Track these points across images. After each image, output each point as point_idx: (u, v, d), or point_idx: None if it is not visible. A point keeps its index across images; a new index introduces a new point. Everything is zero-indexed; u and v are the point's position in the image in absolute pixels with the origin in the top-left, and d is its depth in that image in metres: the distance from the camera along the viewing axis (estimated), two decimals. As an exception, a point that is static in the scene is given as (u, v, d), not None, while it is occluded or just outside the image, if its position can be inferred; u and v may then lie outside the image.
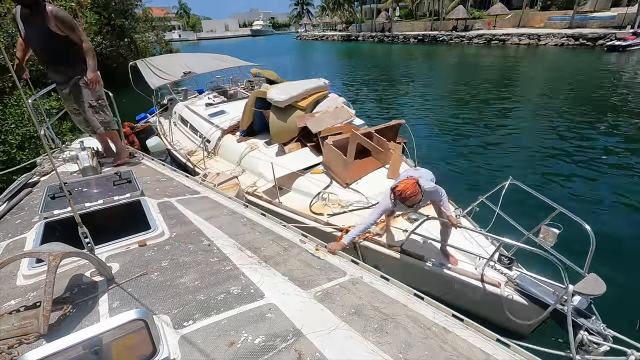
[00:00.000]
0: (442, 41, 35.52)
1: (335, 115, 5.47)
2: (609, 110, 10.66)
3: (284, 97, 5.25)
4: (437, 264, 3.13)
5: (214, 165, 5.82)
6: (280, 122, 5.33)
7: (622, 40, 22.64)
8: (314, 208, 4.21)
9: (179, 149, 6.86)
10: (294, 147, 5.28)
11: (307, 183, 4.56)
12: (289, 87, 5.61)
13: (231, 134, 6.24)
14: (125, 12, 19.06)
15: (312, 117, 5.25)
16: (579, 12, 30.44)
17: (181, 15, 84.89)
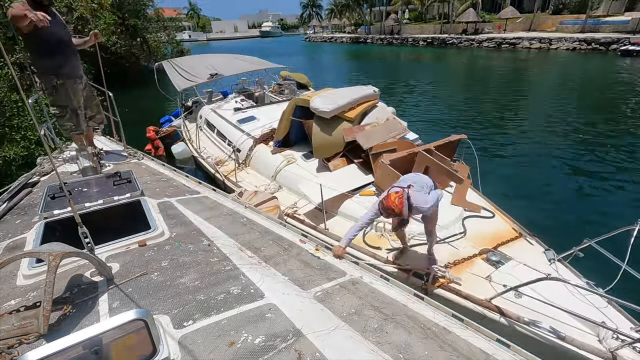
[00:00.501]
0: (451, 44, 35.29)
1: (387, 128, 4.85)
2: None
3: (330, 107, 4.69)
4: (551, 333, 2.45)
5: (245, 178, 5.38)
6: (325, 135, 4.76)
7: (637, 45, 22.27)
8: (369, 239, 3.64)
9: (206, 157, 6.46)
10: (339, 164, 4.72)
11: (357, 207, 3.97)
12: (335, 95, 5.02)
13: (264, 143, 5.72)
14: (138, 12, 19.35)
15: (361, 131, 4.66)
16: (592, 16, 30.01)
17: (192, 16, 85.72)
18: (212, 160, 6.25)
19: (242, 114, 6.71)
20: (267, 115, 6.47)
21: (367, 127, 4.80)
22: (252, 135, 5.91)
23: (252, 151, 5.73)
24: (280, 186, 4.97)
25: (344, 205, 4.09)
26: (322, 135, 4.79)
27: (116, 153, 4.46)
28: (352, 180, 4.36)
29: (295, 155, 5.21)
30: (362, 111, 5.02)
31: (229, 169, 5.67)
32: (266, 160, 5.38)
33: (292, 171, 4.90)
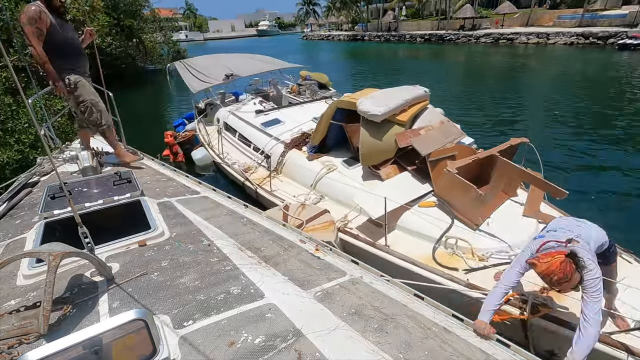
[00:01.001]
0: (449, 40, 35.27)
1: (443, 132, 4.48)
2: None
3: (382, 109, 4.26)
4: None
5: (279, 186, 5.02)
6: (374, 140, 4.33)
7: (634, 38, 22.28)
8: (440, 258, 3.28)
9: (231, 164, 6.09)
10: (391, 172, 4.33)
11: (417, 220, 3.66)
12: (385, 96, 4.59)
13: (296, 148, 5.36)
14: (134, 13, 19.29)
15: (416, 136, 4.29)
16: (589, 10, 30.00)
17: (188, 16, 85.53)
18: (239, 166, 5.86)
19: (264, 117, 6.41)
20: (292, 117, 6.19)
21: (422, 131, 4.42)
22: (282, 140, 5.57)
23: (284, 157, 5.36)
24: (322, 196, 4.61)
25: (403, 219, 3.73)
26: (372, 140, 4.35)
27: None
28: (408, 190, 4.00)
29: (335, 162, 4.84)
30: (414, 114, 4.62)
31: (259, 177, 5.35)
32: (302, 167, 5.02)
33: (334, 179, 4.53)
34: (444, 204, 3.76)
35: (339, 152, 5.04)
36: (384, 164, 4.41)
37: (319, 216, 3.81)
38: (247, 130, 6.36)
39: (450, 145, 4.27)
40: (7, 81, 7.09)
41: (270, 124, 6.09)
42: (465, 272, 3.07)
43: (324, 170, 4.71)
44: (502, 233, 3.36)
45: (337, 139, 5.12)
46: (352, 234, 3.77)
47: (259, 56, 9.80)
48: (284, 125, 6.00)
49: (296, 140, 5.47)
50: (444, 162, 3.90)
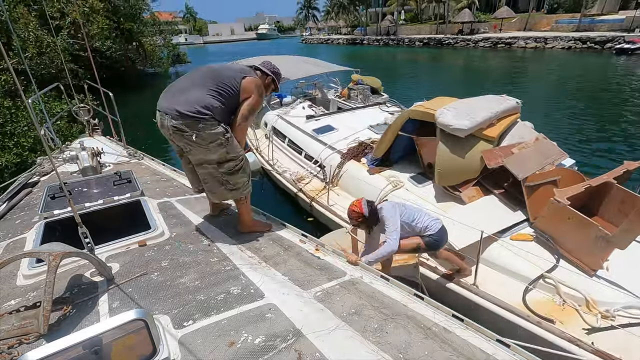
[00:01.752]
0: (447, 45, 35.45)
1: (541, 151, 3.78)
2: None
3: (467, 123, 3.68)
4: None
5: (336, 200, 4.61)
6: (454, 158, 3.77)
7: (631, 43, 22.44)
8: (536, 305, 2.72)
9: (282, 172, 5.75)
10: (474, 195, 3.77)
11: (508, 254, 3.13)
12: (468, 108, 3.95)
13: (354, 159, 4.92)
14: (134, 16, 19.34)
15: (508, 155, 3.68)
16: (586, 15, 30.20)
17: (188, 20, 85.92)
18: (291, 175, 5.51)
19: (315, 123, 6.07)
20: (346, 124, 5.83)
21: (514, 149, 3.75)
22: (338, 150, 5.16)
23: (341, 169, 4.92)
24: None
25: (490, 251, 3.20)
26: (452, 157, 3.78)
27: (116, 153, 4.44)
28: (495, 217, 3.45)
29: (401, 178, 4.33)
30: (505, 129, 3.99)
31: (313, 188, 5.02)
32: (362, 181, 4.53)
33: (402, 199, 3.98)
34: (547, 240, 3.16)
35: (404, 167, 4.54)
36: (463, 184, 3.85)
37: None
38: (297, 137, 6.06)
39: (550, 167, 3.63)
40: (6, 84, 7.10)
41: (322, 130, 5.77)
42: (587, 331, 2.49)
43: (389, 187, 4.22)
44: (628, 282, 2.72)
45: (403, 153, 4.64)
46: (429, 266, 3.30)
47: (308, 59, 9.59)
48: (338, 132, 5.65)
49: (354, 151, 5.02)
50: (545, 188, 3.32)
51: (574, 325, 2.56)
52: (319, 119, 6.20)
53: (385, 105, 6.90)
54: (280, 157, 6.23)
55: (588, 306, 2.66)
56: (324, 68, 8.65)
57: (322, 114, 6.55)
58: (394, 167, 4.60)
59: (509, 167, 3.54)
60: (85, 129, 5.24)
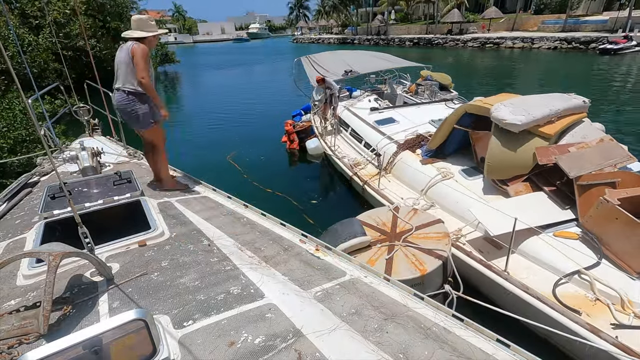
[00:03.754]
0: (437, 44, 35.78)
1: (602, 152, 3.66)
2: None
3: (523, 119, 3.72)
4: None
5: (387, 186, 4.91)
6: (506, 152, 3.83)
7: (614, 43, 22.98)
8: (567, 297, 2.75)
9: (341, 157, 6.12)
10: (521, 189, 3.77)
11: (548, 249, 3.14)
12: (526, 104, 3.96)
13: (410, 150, 5.15)
14: (121, 15, 19.02)
15: (563, 152, 3.64)
16: (572, 15, 30.82)
17: (177, 18, 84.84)
18: (349, 161, 5.89)
19: (378, 115, 6.38)
20: (408, 118, 6.07)
21: (572, 148, 3.67)
22: (395, 140, 5.44)
23: (395, 157, 5.18)
24: (433, 203, 4.27)
25: (529, 244, 3.23)
26: (504, 152, 3.85)
27: (116, 153, 4.41)
28: (540, 212, 3.43)
29: (452, 169, 4.48)
30: (564, 127, 3.89)
31: (368, 174, 5.32)
32: (414, 170, 4.73)
33: (450, 186, 4.20)
34: (592, 239, 3.10)
35: (456, 160, 4.68)
36: (513, 179, 3.87)
37: (431, 225, 3.55)
38: (360, 127, 6.38)
39: (611, 169, 3.47)
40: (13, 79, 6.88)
41: (384, 122, 6.07)
42: (614, 326, 2.50)
43: (438, 177, 4.39)
44: None
45: (457, 146, 4.77)
46: (464, 250, 3.41)
47: (379, 54, 9.80)
48: (398, 124, 5.91)
49: (410, 142, 5.26)
50: (598, 189, 3.22)
51: (601, 320, 2.56)
52: (382, 112, 6.48)
53: (452, 102, 6.90)
54: (342, 145, 6.65)
55: (623, 305, 2.63)
56: (394, 63, 8.90)
57: (386, 107, 6.82)
58: (447, 159, 4.75)
59: (561, 164, 3.49)
60: (85, 129, 5.18)
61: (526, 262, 3.21)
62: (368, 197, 5.08)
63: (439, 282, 3.14)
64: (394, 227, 3.61)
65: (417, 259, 3.11)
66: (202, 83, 22.91)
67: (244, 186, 6.88)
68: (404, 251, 3.24)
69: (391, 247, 3.29)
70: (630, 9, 25.19)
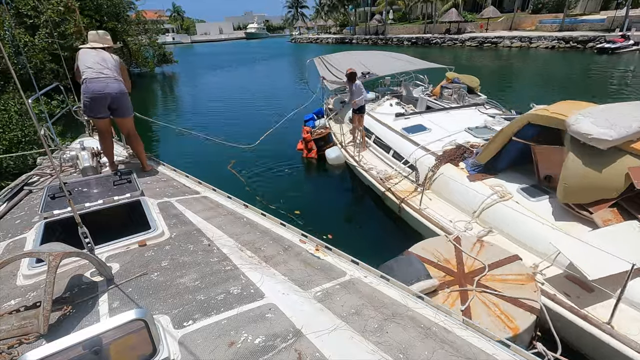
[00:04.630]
0: (435, 44, 35.82)
1: None
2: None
3: (613, 133, 3.14)
4: None
5: (428, 204, 4.28)
6: (589, 172, 3.27)
7: (612, 42, 23.07)
8: None
9: (368, 169, 5.52)
10: (610, 217, 3.20)
11: None
12: (612, 115, 3.35)
13: (451, 163, 4.56)
14: (118, 15, 18.95)
15: None
16: (569, 15, 30.91)
17: (175, 18, 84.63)
18: (378, 174, 5.24)
19: (405, 121, 5.83)
20: (439, 125, 5.53)
21: None
22: (432, 151, 4.85)
23: (435, 171, 4.56)
24: (491, 229, 3.68)
25: (633, 289, 2.63)
26: (585, 171, 3.26)
27: (116, 153, 4.40)
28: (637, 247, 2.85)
29: (508, 188, 3.91)
30: None
31: (403, 190, 4.74)
32: (461, 187, 4.17)
33: (511, 210, 3.57)
34: None
35: (511, 177, 4.10)
36: (595, 204, 3.29)
37: (508, 263, 2.97)
38: (386, 135, 5.85)
39: None
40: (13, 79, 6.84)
41: (413, 130, 5.53)
42: None
43: (494, 197, 3.80)
44: None
45: (512, 160, 4.17)
46: (547, 293, 2.83)
47: (395, 54, 9.29)
48: (430, 133, 5.37)
49: (451, 153, 4.68)
50: None
51: None
52: (408, 118, 5.99)
53: (484, 107, 6.44)
54: (366, 154, 6.09)
55: None
56: (415, 64, 8.38)
57: (413, 112, 6.29)
58: (499, 175, 4.18)
59: None
60: (85, 129, 5.18)
61: (634, 312, 2.62)
62: (406, 216, 4.48)
63: (527, 339, 2.64)
64: (460, 264, 3.07)
65: (501, 311, 2.60)
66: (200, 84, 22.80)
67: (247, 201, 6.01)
68: (481, 299, 2.72)
69: (464, 294, 2.76)
70: (628, 8, 25.28)
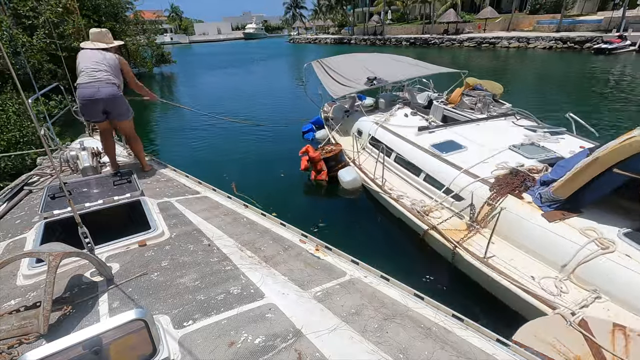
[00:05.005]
0: (433, 44, 35.86)
1: None
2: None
3: None
4: None
5: (490, 249, 3.26)
6: None
7: (609, 43, 23.16)
8: None
9: (397, 197, 4.48)
10: None
11: None
12: None
13: (513, 194, 3.56)
14: (116, 15, 18.91)
15: None
16: (567, 15, 31.03)
17: (173, 19, 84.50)
18: (414, 205, 4.21)
19: (431, 136, 4.95)
20: (475, 141, 4.59)
21: None
22: (482, 177, 3.83)
23: (493, 206, 3.57)
24: (596, 292, 2.74)
25: None
26: None
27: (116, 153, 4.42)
28: None
29: (603, 232, 2.96)
30: None
31: (451, 228, 3.72)
32: (537, 230, 3.21)
33: (626, 270, 2.65)
34: None
35: (600, 216, 3.16)
36: None
37: None
38: (412, 154, 4.84)
39: None
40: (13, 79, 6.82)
41: (445, 148, 4.57)
42: None
43: (591, 246, 2.86)
44: None
45: (603, 195, 3.18)
46: None
47: (402, 57, 8.28)
48: (467, 152, 4.42)
49: (509, 182, 3.69)
50: None
51: None
52: (433, 132, 5.08)
53: (514, 118, 5.51)
54: (389, 175, 5.07)
55: None
56: (427, 69, 7.33)
57: (438, 125, 5.39)
58: (584, 214, 3.24)
59: None
60: (85, 129, 5.18)
61: None
62: (464, 266, 3.48)
63: None
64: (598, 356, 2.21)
65: None
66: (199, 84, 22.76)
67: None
68: None
69: None
70: (625, 8, 25.37)
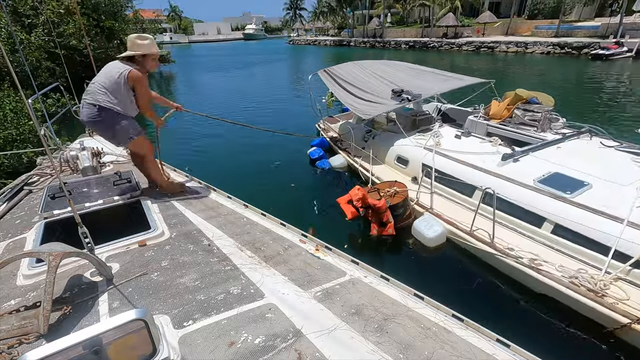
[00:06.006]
0: (432, 47, 36.02)
1: None
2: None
3: None
4: None
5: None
6: None
7: (606, 49, 23.33)
8: None
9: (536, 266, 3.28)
10: None
11: None
12: None
13: None
14: (115, 14, 18.89)
15: None
16: (565, 21, 31.26)
17: (173, 18, 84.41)
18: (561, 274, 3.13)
19: (517, 165, 4.09)
20: (589, 173, 3.70)
21: None
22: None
23: None
24: None
25: None
26: None
27: (116, 153, 4.41)
28: None
29: None
30: None
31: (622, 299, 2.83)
32: None
33: None
34: None
35: None
36: None
37: None
38: (518, 194, 3.77)
39: None
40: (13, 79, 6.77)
41: (563, 185, 3.60)
42: None
43: None
44: None
45: None
46: None
47: (422, 67, 7.20)
48: (592, 189, 3.51)
49: None
50: None
51: None
52: (517, 160, 4.18)
53: (588, 136, 4.81)
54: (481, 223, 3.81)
55: None
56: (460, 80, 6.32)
57: (524, 150, 4.34)
58: None
59: None
60: (85, 129, 5.16)
61: None
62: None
63: None
64: None
65: None
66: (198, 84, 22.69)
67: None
68: None
69: None
70: (622, 15, 25.58)
